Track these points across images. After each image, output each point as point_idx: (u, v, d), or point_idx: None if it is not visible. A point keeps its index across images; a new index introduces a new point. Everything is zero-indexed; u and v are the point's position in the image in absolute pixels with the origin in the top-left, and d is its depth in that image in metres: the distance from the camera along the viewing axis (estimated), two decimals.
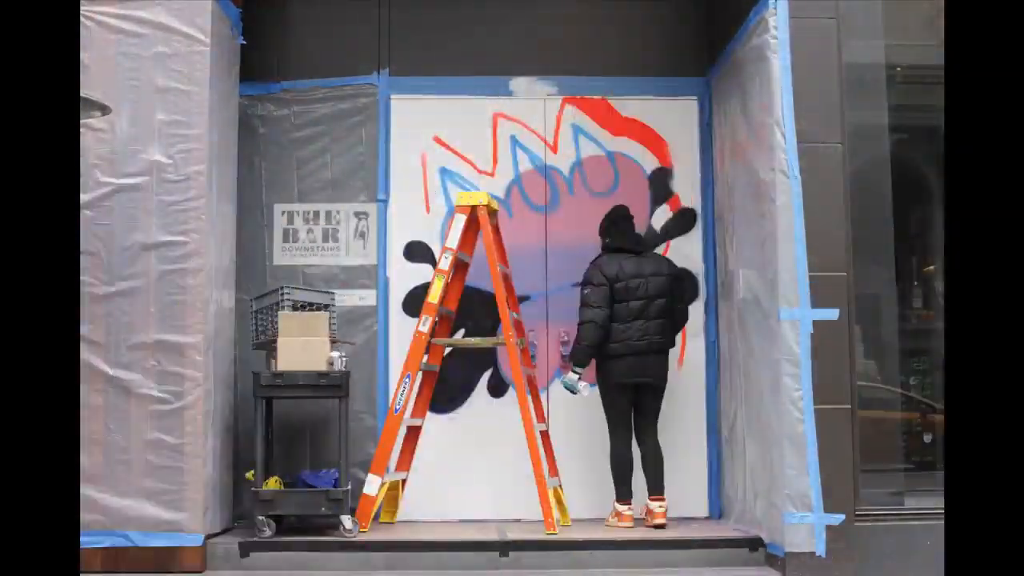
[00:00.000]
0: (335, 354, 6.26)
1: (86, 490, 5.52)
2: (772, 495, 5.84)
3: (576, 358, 6.51)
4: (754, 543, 6.03)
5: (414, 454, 6.77)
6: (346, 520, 6.07)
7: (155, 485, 5.72)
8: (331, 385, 6.19)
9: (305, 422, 6.84)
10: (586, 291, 6.53)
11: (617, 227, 6.72)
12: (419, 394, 6.73)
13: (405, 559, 5.92)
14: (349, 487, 6.19)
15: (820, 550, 5.61)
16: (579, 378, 6.53)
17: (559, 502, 6.52)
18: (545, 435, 6.61)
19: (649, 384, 6.54)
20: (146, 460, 5.70)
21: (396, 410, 6.37)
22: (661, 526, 6.36)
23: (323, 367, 6.18)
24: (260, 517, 5.99)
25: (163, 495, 5.71)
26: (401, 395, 6.39)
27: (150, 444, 5.72)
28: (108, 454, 5.71)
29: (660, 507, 6.43)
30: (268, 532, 5.99)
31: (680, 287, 6.77)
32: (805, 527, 5.62)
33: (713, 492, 7.01)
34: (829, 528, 5.63)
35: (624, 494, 6.51)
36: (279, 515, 6.11)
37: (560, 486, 6.60)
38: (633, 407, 6.59)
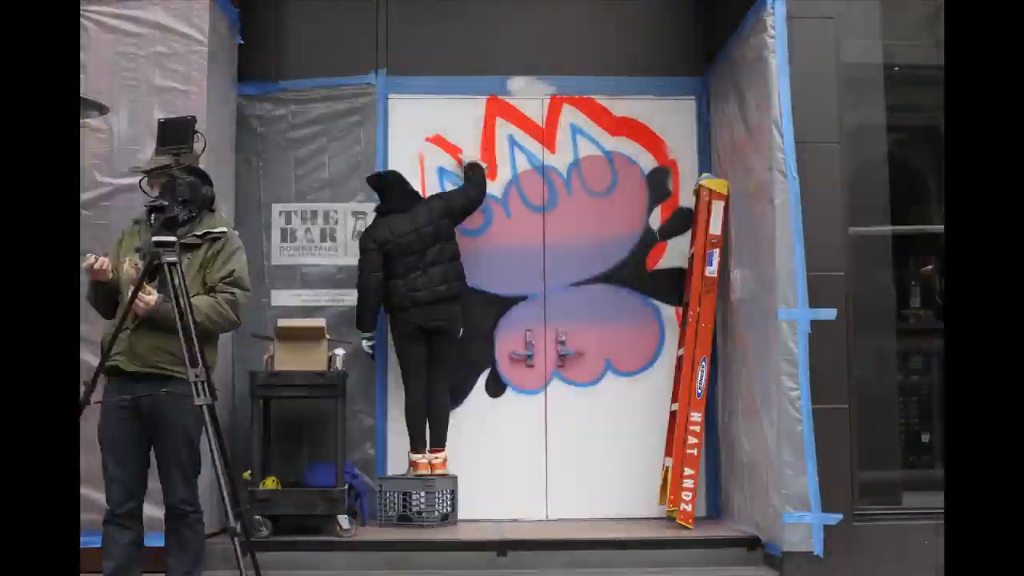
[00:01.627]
0: (339, 352, 6.28)
1: (85, 490, 5.48)
2: (770, 495, 5.85)
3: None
4: (752, 543, 6.03)
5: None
6: (343, 520, 6.06)
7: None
8: (328, 385, 6.20)
9: (303, 422, 6.83)
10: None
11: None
12: None
13: (404, 559, 5.92)
14: (346, 487, 6.19)
15: (818, 550, 5.62)
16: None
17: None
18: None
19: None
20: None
21: None
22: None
23: (320, 367, 6.18)
24: (257, 517, 5.99)
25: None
26: None
27: None
28: None
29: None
30: (265, 531, 5.99)
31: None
32: (803, 527, 5.63)
33: (711, 492, 7.01)
34: (827, 528, 5.64)
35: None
36: (276, 515, 6.11)
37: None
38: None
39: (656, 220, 7.25)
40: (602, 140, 7.31)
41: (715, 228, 6.65)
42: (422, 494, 6.47)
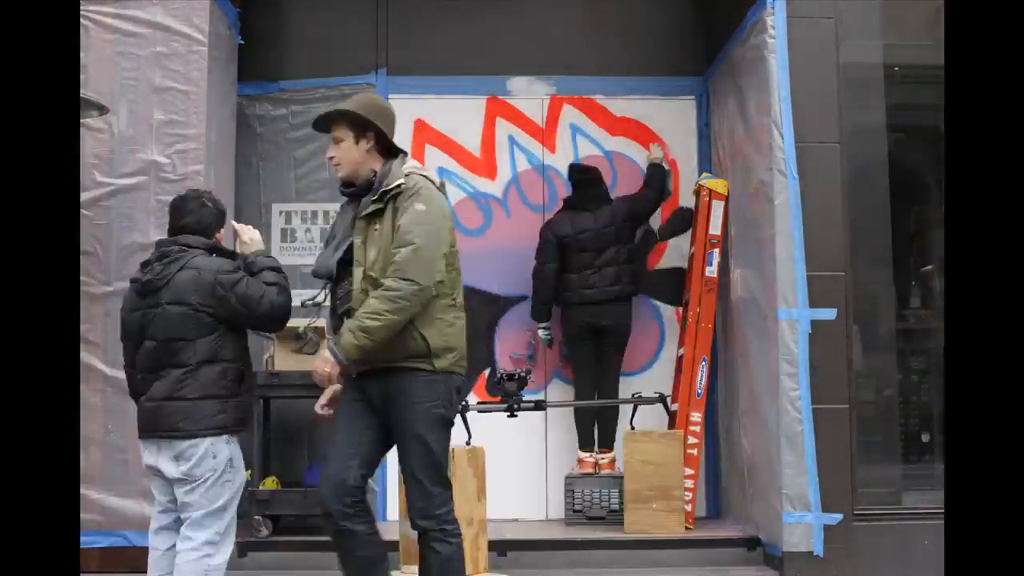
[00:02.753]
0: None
1: (85, 490, 5.52)
2: (770, 495, 5.84)
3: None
4: (752, 543, 6.03)
5: None
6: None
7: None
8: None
9: (303, 422, 6.83)
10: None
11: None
12: None
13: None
14: None
15: (818, 550, 5.62)
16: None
17: None
18: None
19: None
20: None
21: None
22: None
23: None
24: (257, 517, 5.99)
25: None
26: None
27: None
28: (107, 454, 5.70)
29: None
30: (265, 531, 5.99)
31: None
32: (803, 527, 5.63)
33: (711, 492, 7.01)
34: (827, 528, 5.63)
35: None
36: (276, 515, 6.11)
37: None
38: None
39: (656, 220, 7.25)
40: (602, 140, 7.31)
41: (715, 228, 6.66)
42: (587, 491, 6.64)
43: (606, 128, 7.32)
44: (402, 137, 7.21)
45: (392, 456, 4.13)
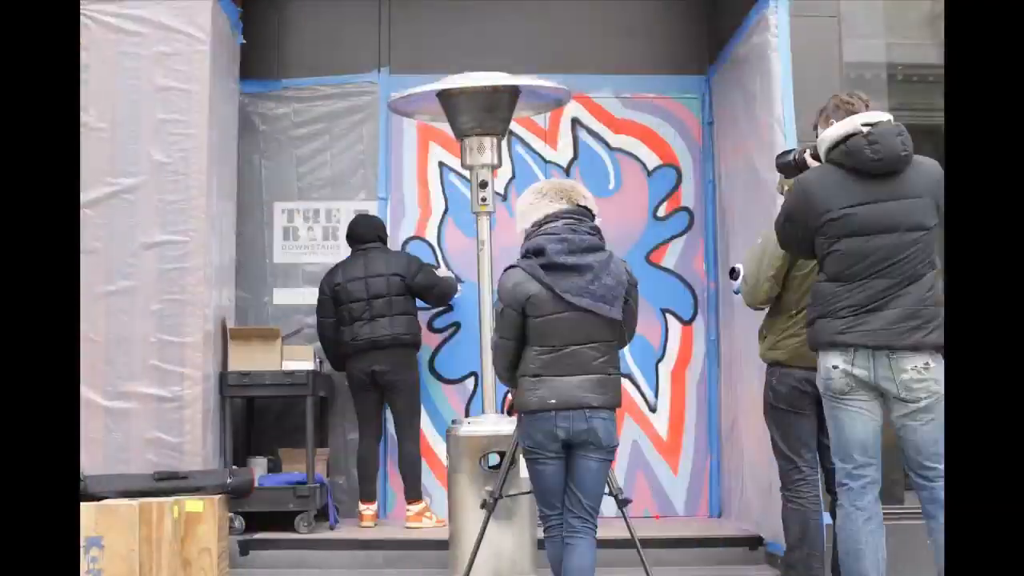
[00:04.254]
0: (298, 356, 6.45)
1: None
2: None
3: None
4: (754, 542, 6.03)
5: None
6: (303, 518, 6.09)
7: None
8: (296, 384, 6.24)
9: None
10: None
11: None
12: None
13: (405, 557, 5.92)
14: (318, 485, 6.20)
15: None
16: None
17: None
18: None
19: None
20: (146, 459, 5.69)
21: None
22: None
23: (275, 367, 6.30)
24: (230, 514, 5.97)
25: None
26: None
27: (150, 443, 5.71)
28: (108, 454, 5.70)
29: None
30: (236, 526, 5.96)
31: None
32: None
33: (713, 491, 7.01)
34: (828, 527, 5.61)
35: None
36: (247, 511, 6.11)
37: None
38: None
39: (659, 218, 7.24)
40: (605, 138, 7.31)
41: None
42: None
43: (608, 126, 7.31)
44: (405, 136, 7.26)
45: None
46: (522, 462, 4.52)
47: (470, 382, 7.02)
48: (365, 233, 6.63)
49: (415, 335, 6.57)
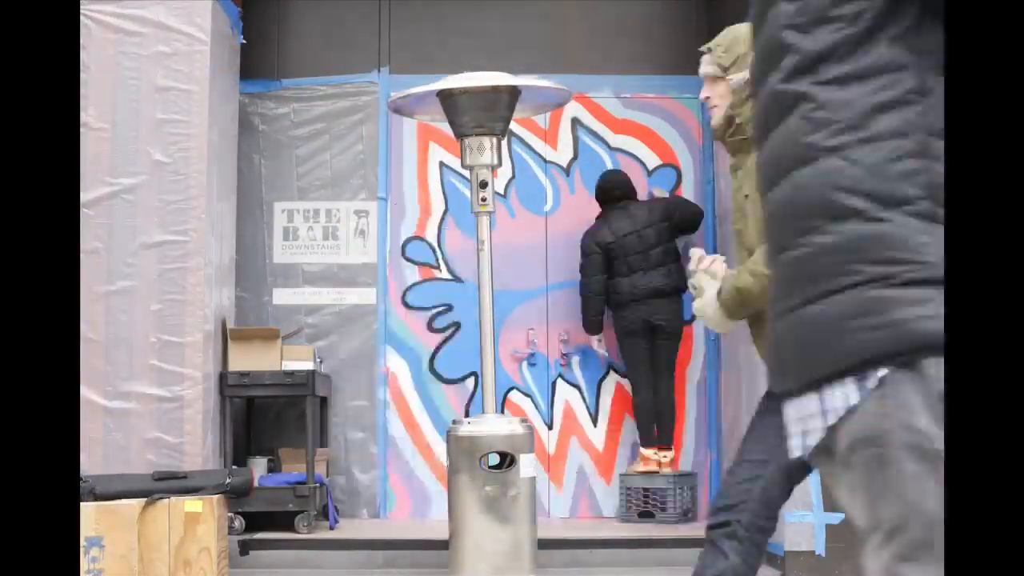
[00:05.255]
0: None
1: None
2: None
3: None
4: None
5: None
6: (303, 518, 6.08)
7: None
8: (296, 384, 6.24)
9: (300, 421, 6.85)
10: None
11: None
12: None
13: (406, 556, 5.92)
14: (318, 485, 6.20)
15: (820, 549, 5.61)
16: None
17: None
18: None
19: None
20: (146, 460, 5.70)
21: None
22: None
23: (275, 367, 6.30)
24: (229, 514, 5.97)
25: None
26: None
27: (150, 443, 5.72)
28: (108, 454, 5.71)
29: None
30: (236, 526, 5.97)
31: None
32: (805, 526, 5.62)
33: (713, 491, 7.01)
34: (829, 527, 5.63)
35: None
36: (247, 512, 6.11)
37: None
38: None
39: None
40: (605, 138, 7.31)
41: None
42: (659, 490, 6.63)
43: (609, 126, 7.32)
44: (405, 136, 7.26)
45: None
46: (522, 462, 4.50)
47: (470, 382, 7.03)
48: (616, 189, 6.86)
49: (684, 281, 6.70)
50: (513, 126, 7.24)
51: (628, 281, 6.69)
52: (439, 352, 7.10)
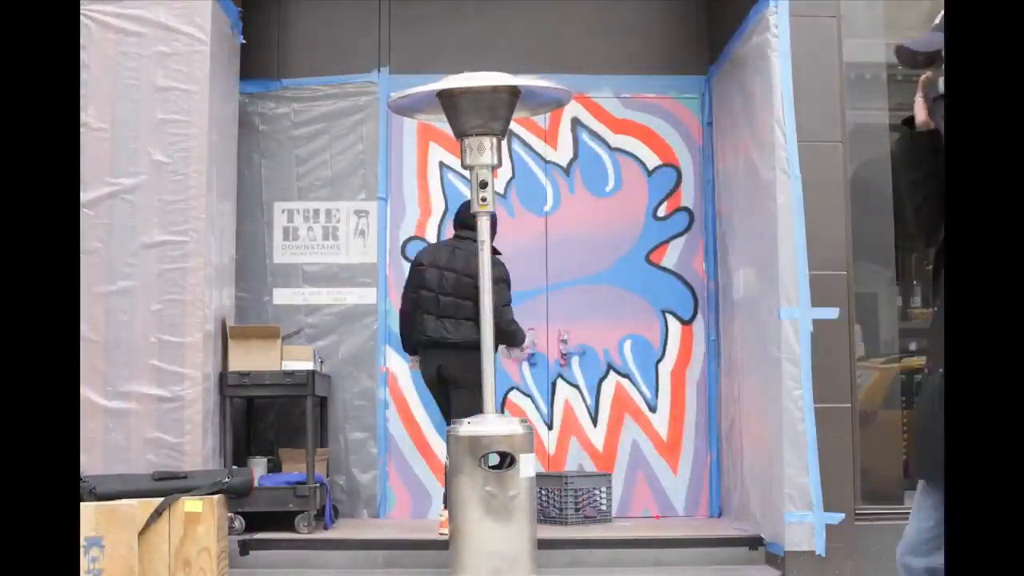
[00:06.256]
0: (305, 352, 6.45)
1: None
2: (772, 494, 5.84)
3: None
4: (754, 542, 6.03)
5: None
6: (303, 518, 6.08)
7: None
8: (296, 384, 6.24)
9: (300, 421, 6.85)
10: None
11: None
12: None
13: (406, 557, 5.92)
14: (318, 485, 6.20)
15: (820, 549, 5.62)
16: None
17: None
18: None
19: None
20: (146, 460, 5.70)
21: None
22: None
23: (275, 367, 6.30)
24: (229, 514, 5.97)
25: None
26: None
27: (150, 443, 5.72)
28: (108, 454, 5.71)
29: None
30: (236, 526, 5.96)
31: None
32: (805, 526, 5.63)
33: (713, 491, 7.01)
34: (829, 527, 5.63)
35: None
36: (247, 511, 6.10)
37: None
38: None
39: (658, 219, 7.24)
40: (605, 138, 7.31)
41: None
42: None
43: (609, 126, 7.32)
44: (405, 136, 7.26)
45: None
46: (522, 462, 4.50)
47: None
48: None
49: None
50: (513, 126, 7.24)
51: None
52: None
